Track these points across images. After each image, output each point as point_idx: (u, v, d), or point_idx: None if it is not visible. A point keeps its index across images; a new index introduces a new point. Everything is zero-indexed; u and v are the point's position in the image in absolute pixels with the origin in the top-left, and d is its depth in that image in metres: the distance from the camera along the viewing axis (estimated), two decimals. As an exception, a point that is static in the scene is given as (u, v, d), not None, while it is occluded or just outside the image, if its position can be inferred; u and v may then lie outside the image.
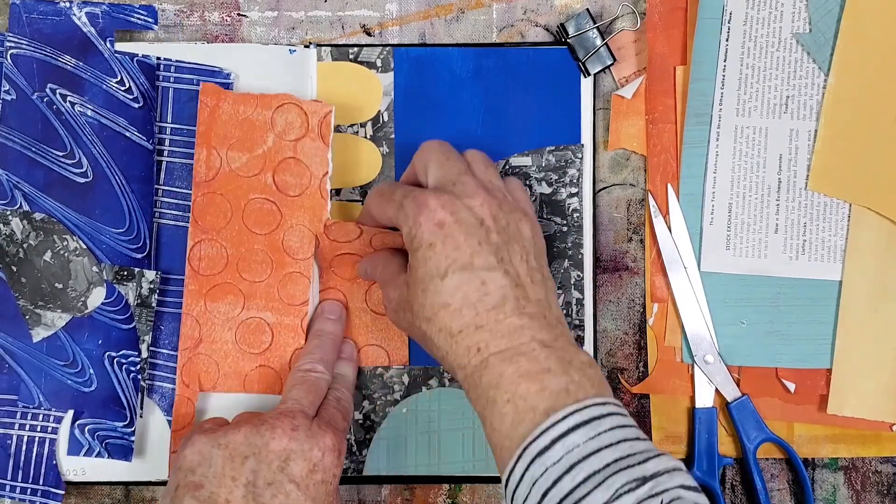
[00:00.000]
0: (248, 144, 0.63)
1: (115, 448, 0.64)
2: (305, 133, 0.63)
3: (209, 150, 0.63)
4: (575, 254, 0.66)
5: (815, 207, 0.66)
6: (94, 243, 0.64)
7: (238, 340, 0.64)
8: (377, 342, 0.66)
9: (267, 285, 0.64)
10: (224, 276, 0.64)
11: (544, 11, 0.67)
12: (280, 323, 0.64)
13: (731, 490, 0.68)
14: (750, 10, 0.65)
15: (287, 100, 0.63)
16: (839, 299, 0.66)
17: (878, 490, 0.68)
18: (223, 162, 0.63)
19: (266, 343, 0.64)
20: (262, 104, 0.63)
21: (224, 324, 0.64)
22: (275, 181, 0.63)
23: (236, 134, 0.63)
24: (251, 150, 0.63)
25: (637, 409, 0.67)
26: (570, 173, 0.66)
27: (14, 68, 0.64)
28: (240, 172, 0.63)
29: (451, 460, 0.67)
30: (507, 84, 0.66)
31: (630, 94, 0.66)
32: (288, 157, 0.63)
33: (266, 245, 0.63)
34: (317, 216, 0.63)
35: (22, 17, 0.64)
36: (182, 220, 0.65)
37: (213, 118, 0.63)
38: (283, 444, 0.55)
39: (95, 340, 0.65)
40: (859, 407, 0.65)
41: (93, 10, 0.65)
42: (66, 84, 0.64)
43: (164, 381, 0.65)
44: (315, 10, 0.67)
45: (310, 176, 0.63)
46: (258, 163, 0.63)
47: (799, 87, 0.65)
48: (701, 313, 0.66)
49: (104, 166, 0.64)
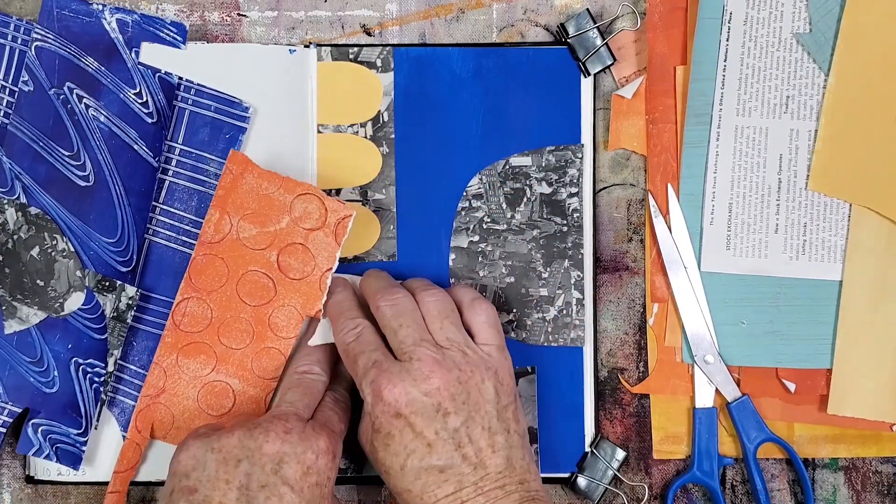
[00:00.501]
0: (261, 219, 0.63)
1: (65, 454, 0.64)
2: (321, 227, 0.62)
3: (222, 215, 0.63)
4: (575, 254, 0.66)
5: (816, 207, 0.66)
6: (82, 248, 0.64)
7: (199, 399, 0.64)
8: None
9: (242, 354, 0.64)
10: (203, 336, 0.63)
11: (544, 11, 0.67)
12: (244, 392, 0.64)
13: (731, 490, 0.68)
14: (750, 10, 0.65)
15: (312, 191, 0.62)
16: (839, 299, 0.66)
17: (879, 490, 0.68)
18: (233, 229, 0.63)
19: (226, 408, 0.64)
20: (285, 187, 0.62)
21: (190, 381, 0.64)
22: (278, 261, 0.63)
23: (253, 206, 0.63)
24: (264, 226, 0.63)
25: (637, 410, 0.67)
26: (571, 173, 0.66)
27: (36, 60, 0.64)
28: (246, 243, 0.63)
29: (451, 460, 0.67)
30: (507, 84, 0.66)
31: (630, 94, 0.66)
32: (297, 243, 0.63)
33: (252, 317, 0.63)
34: (310, 304, 0.63)
35: (53, 11, 0.64)
36: (174, 241, 0.65)
37: (235, 186, 0.62)
38: (277, 447, 0.55)
39: (65, 344, 0.64)
40: (859, 407, 0.65)
41: (124, 17, 0.64)
42: (84, 85, 0.64)
43: (127, 396, 0.65)
44: (315, 10, 0.67)
45: (314, 266, 0.63)
46: (267, 239, 0.63)
47: (799, 87, 0.65)
48: (701, 313, 0.66)
49: (107, 174, 0.64)
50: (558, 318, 0.66)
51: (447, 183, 0.66)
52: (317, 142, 0.66)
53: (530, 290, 0.66)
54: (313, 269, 0.63)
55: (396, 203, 0.66)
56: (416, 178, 0.66)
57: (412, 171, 0.66)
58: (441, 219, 0.67)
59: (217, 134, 0.65)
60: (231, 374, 0.64)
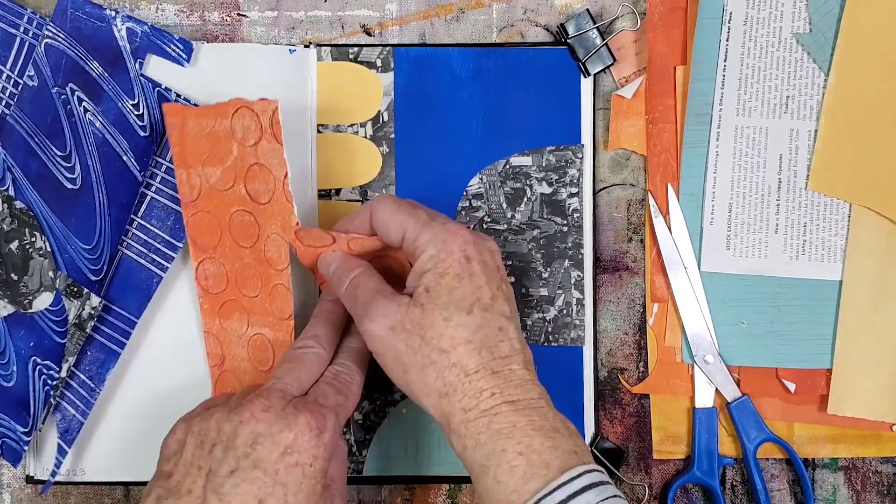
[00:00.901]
0: (218, 157, 0.61)
1: (8, 449, 0.64)
2: (261, 135, 0.59)
3: (187, 170, 0.62)
4: (575, 254, 0.66)
5: (816, 207, 0.66)
6: (59, 249, 0.64)
7: (251, 358, 0.63)
8: None
9: (261, 300, 0.62)
10: (228, 294, 0.63)
11: (544, 11, 0.67)
12: (276, 339, 0.62)
13: (731, 490, 0.68)
14: (750, 10, 0.65)
15: (239, 104, 0.59)
16: (839, 299, 0.66)
17: (879, 490, 0.68)
18: (202, 179, 0.62)
19: (270, 361, 0.62)
20: (220, 113, 0.60)
21: (237, 341, 0.63)
22: (247, 191, 0.61)
23: (206, 149, 0.61)
24: (222, 163, 0.61)
25: (637, 410, 0.67)
26: (571, 173, 0.66)
27: (44, 57, 0.64)
28: (217, 187, 0.61)
29: (451, 460, 0.67)
30: (507, 84, 0.66)
31: (630, 94, 0.66)
32: (252, 164, 0.60)
33: (253, 258, 0.62)
34: (286, 222, 0.60)
35: (67, 11, 0.64)
36: (145, 258, 0.64)
37: (183, 136, 0.61)
38: (251, 427, 0.52)
39: (28, 342, 0.64)
40: (859, 407, 0.65)
41: (134, 27, 0.64)
42: (85, 89, 0.64)
43: (71, 405, 0.65)
44: (315, 10, 0.67)
45: (273, 180, 0.59)
46: (230, 174, 0.61)
47: (799, 87, 0.65)
48: (701, 313, 0.66)
49: (93, 180, 0.64)
50: (558, 318, 0.66)
51: (447, 183, 0.66)
52: (317, 142, 0.66)
53: (530, 290, 0.66)
54: (273, 183, 0.59)
55: (396, 203, 0.66)
56: (416, 178, 0.66)
57: (412, 171, 0.66)
58: (441, 219, 0.67)
59: None
60: (262, 324, 0.62)
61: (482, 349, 0.53)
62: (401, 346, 0.54)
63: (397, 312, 0.54)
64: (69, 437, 0.65)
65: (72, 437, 0.65)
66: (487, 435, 0.51)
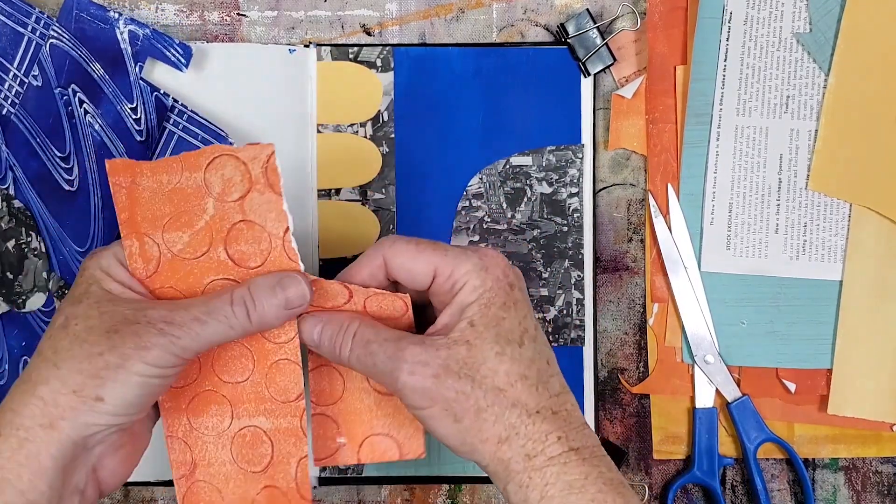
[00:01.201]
0: (185, 219, 0.51)
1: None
2: (250, 187, 0.50)
3: (140, 239, 0.51)
4: (575, 254, 0.66)
5: (816, 207, 0.66)
6: (53, 250, 0.64)
7: (236, 459, 0.53)
8: (384, 431, 0.54)
9: (252, 383, 0.52)
10: (201, 384, 0.52)
11: (544, 11, 0.67)
12: (277, 428, 0.52)
13: (731, 490, 0.68)
14: (750, 10, 0.65)
15: (218, 152, 0.50)
16: (839, 299, 0.66)
17: (879, 490, 0.68)
18: (161, 248, 0.51)
19: (267, 456, 0.52)
20: (188, 166, 0.50)
21: (216, 441, 0.53)
22: (229, 255, 0.51)
23: (167, 210, 0.51)
24: (191, 226, 0.51)
25: (637, 410, 0.67)
26: (571, 173, 0.66)
27: (49, 57, 0.64)
28: (185, 255, 0.51)
29: (451, 460, 0.67)
30: (507, 84, 0.66)
31: (630, 94, 0.66)
32: (237, 222, 0.51)
33: None
34: None
35: (73, 12, 0.64)
36: None
37: (134, 199, 0.51)
38: None
39: (20, 341, 0.64)
40: (859, 407, 0.65)
41: (136, 30, 0.64)
42: (87, 90, 0.64)
43: None
44: (315, 10, 0.67)
45: (269, 238, 0.51)
46: (204, 238, 0.51)
47: (799, 87, 0.65)
48: (701, 313, 0.66)
49: (90, 183, 0.64)
50: (559, 319, 0.66)
51: (447, 183, 0.66)
52: (317, 142, 0.66)
53: (530, 291, 0.66)
54: (270, 241, 0.51)
55: (396, 203, 0.66)
56: (416, 178, 0.66)
57: (412, 170, 0.66)
58: (441, 218, 0.67)
59: None
60: (254, 413, 0.52)
61: (538, 385, 0.48)
62: (450, 395, 0.47)
63: (437, 356, 0.47)
64: None
65: None
66: (557, 488, 0.46)
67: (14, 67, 0.64)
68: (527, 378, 0.48)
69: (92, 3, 0.64)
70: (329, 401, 0.54)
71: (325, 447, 0.54)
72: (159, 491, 0.67)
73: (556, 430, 0.47)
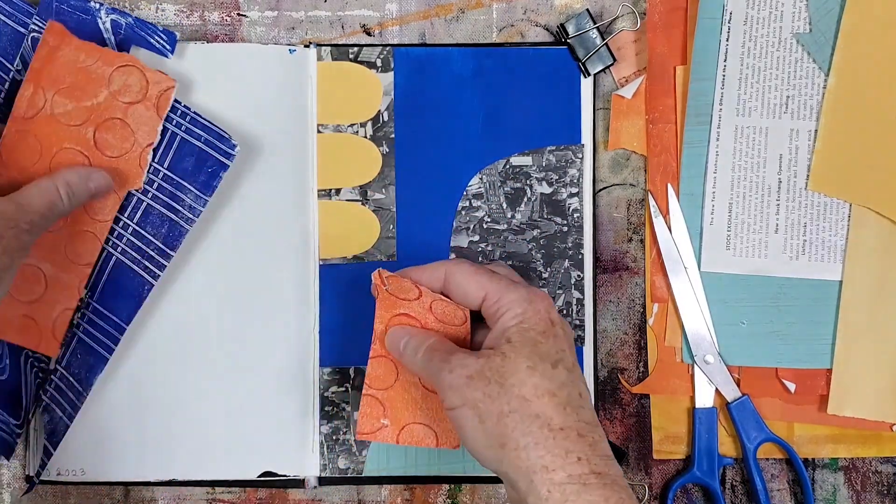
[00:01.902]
0: (77, 94, 0.60)
1: (1, 442, 0.63)
2: (142, 99, 0.60)
3: (36, 89, 0.60)
4: (575, 254, 0.66)
5: (815, 207, 0.66)
6: None
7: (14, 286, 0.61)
8: (425, 421, 0.59)
9: (55, 238, 0.61)
10: None
11: (544, 11, 0.67)
12: (56, 277, 0.62)
13: (731, 490, 0.68)
14: (750, 10, 0.65)
15: (131, 62, 0.61)
16: (839, 299, 0.66)
17: (879, 490, 0.68)
18: (47, 104, 0.60)
19: (37, 294, 0.62)
20: (104, 59, 0.60)
21: None
22: (95, 137, 0.61)
23: (69, 80, 0.60)
24: (80, 101, 0.60)
25: (637, 410, 0.67)
26: (571, 173, 0.66)
27: (31, 51, 0.63)
28: (61, 119, 0.61)
29: (451, 460, 0.67)
30: (507, 84, 0.66)
31: (630, 94, 0.66)
32: (116, 118, 0.61)
33: None
34: (129, 182, 0.61)
35: (52, 4, 0.63)
36: (138, 264, 0.63)
37: (51, 58, 0.60)
38: None
39: None
40: (859, 407, 0.65)
41: (119, 19, 0.64)
42: None
43: (59, 407, 0.64)
44: (315, 10, 0.67)
45: (133, 142, 0.61)
46: (83, 114, 0.61)
47: (799, 87, 0.65)
48: (701, 313, 0.66)
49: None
50: (558, 318, 0.66)
51: (447, 183, 0.66)
52: (317, 142, 0.66)
53: (530, 290, 0.66)
54: (133, 145, 0.61)
55: (396, 203, 0.66)
56: (416, 178, 0.66)
57: (412, 170, 0.66)
58: (441, 218, 0.67)
59: (200, 166, 0.63)
60: (42, 258, 0.61)
61: (567, 406, 0.50)
62: (478, 395, 0.51)
63: (476, 363, 0.52)
64: (55, 438, 0.64)
65: (58, 440, 0.64)
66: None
67: (14, 67, 0.64)
68: (555, 396, 0.50)
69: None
70: (381, 386, 0.59)
71: (370, 424, 0.59)
72: (159, 491, 0.67)
73: (579, 451, 0.49)
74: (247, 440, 0.66)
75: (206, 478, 0.66)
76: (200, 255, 0.65)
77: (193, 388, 0.65)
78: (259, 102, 0.65)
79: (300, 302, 0.66)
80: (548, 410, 0.49)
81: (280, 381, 0.66)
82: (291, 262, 0.66)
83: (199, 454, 0.66)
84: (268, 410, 0.66)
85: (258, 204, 0.66)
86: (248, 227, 0.66)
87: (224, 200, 0.65)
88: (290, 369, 0.66)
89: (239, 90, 0.65)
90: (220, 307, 0.66)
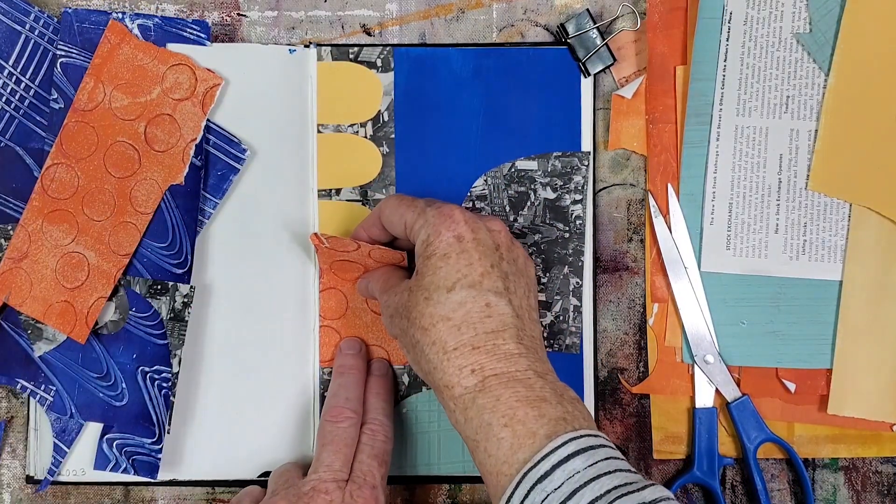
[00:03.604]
0: (134, 90, 0.64)
1: (142, 465, 0.64)
2: (190, 96, 0.63)
3: (96, 83, 0.64)
4: (575, 260, 0.66)
5: (816, 207, 0.66)
6: (135, 256, 0.64)
7: (57, 270, 0.64)
8: (378, 342, 0.66)
9: (101, 227, 0.64)
10: (68, 204, 0.64)
11: (544, 11, 0.67)
12: (98, 267, 0.64)
13: (731, 490, 0.68)
14: (750, 10, 0.65)
15: (184, 60, 0.64)
16: (839, 299, 0.66)
17: (879, 490, 0.68)
18: (106, 98, 0.64)
19: (80, 280, 0.64)
20: (160, 58, 0.64)
21: (51, 249, 0.64)
22: (146, 132, 0.64)
23: (127, 76, 0.64)
24: (135, 96, 0.64)
25: (637, 409, 0.67)
26: (576, 180, 0.66)
27: (63, 77, 0.64)
28: (118, 113, 0.64)
29: (451, 460, 0.67)
30: (508, 84, 0.66)
31: (630, 94, 0.66)
32: (165, 114, 0.64)
33: (116, 189, 0.64)
34: (171, 176, 0.63)
35: (73, 25, 0.64)
36: None
37: (112, 56, 0.63)
38: None
39: (130, 354, 0.64)
40: (859, 407, 0.65)
41: (145, 22, 0.64)
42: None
43: None
44: (315, 10, 0.67)
45: (179, 137, 0.63)
46: (137, 109, 0.64)
47: (799, 87, 0.65)
48: (701, 313, 0.66)
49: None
50: (554, 325, 0.66)
51: (447, 183, 0.66)
52: (317, 142, 0.66)
53: (531, 291, 0.66)
54: (178, 140, 0.64)
55: (396, 203, 0.66)
56: (416, 178, 0.66)
57: (412, 171, 0.66)
58: (441, 219, 0.66)
59: (210, 170, 0.64)
60: (89, 247, 0.64)
61: (462, 326, 0.53)
62: (397, 332, 0.57)
63: (395, 301, 0.57)
64: (67, 437, 0.64)
65: (70, 438, 0.64)
66: (474, 410, 0.52)
67: (9, 65, 0.64)
68: (449, 319, 0.53)
69: (91, 11, 0.64)
70: (334, 316, 0.66)
71: (329, 351, 0.66)
72: (159, 491, 0.67)
73: (472, 363, 0.53)
74: (247, 440, 0.66)
75: (206, 478, 0.66)
76: (200, 255, 0.65)
77: (193, 388, 0.65)
78: (259, 102, 0.65)
79: (300, 302, 0.66)
80: (442, 335, 0.53)
81: (280, 381, 0.66)
82: (292, 261, 0.66)
83: (199, 454, 0.66)
84: (268, 410, 0.66)
85: (258, 204, 0.66)
86: (248, 227, 0.65)
87: (224, 200, 0.65)
88: (290, 369, 0.66)
89: (239, 90, 0.65)
90: (219, 307, 0.66)
